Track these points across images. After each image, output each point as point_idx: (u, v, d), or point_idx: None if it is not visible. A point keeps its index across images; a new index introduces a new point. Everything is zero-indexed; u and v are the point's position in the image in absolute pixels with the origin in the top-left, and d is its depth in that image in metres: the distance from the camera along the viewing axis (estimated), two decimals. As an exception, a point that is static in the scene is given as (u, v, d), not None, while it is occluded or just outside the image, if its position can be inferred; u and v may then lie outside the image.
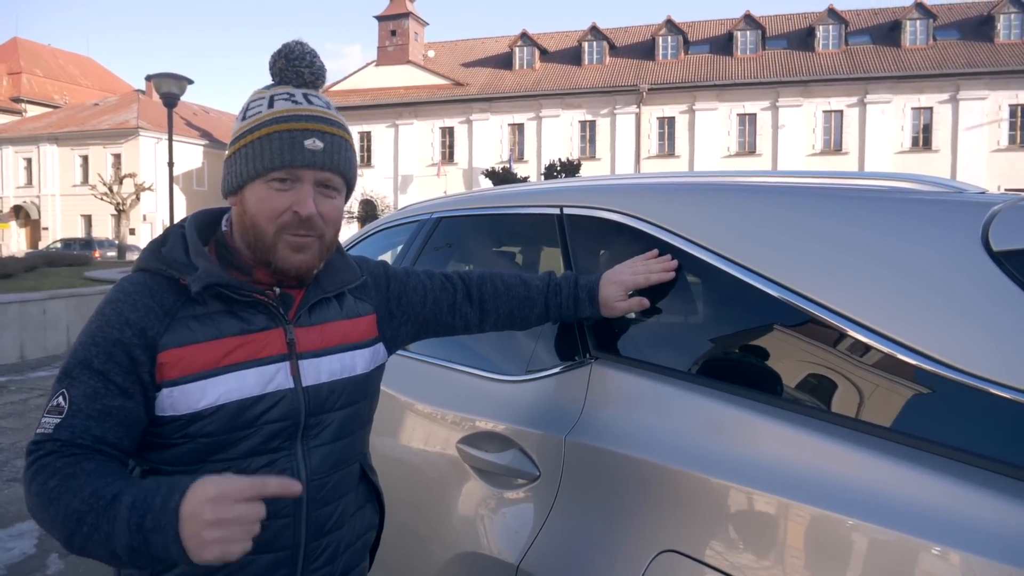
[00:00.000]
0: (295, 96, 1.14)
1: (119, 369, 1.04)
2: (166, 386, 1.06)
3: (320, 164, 1.11)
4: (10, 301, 9.28)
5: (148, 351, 1.05)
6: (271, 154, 1.09)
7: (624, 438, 1.26)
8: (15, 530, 3.91)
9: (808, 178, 1.49)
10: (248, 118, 1.13)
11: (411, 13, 38.51)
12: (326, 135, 1.12)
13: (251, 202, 1.12)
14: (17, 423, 6.25)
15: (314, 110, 1.13)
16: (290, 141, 1.09)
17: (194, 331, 1.08)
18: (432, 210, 2.31)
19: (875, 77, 31.17)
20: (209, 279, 1.08)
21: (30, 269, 13.92)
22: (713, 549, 1.06)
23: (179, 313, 1.08)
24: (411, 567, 1.71)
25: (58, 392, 1.04)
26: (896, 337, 1.00)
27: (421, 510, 1.71)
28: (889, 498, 0.92)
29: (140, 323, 1.06)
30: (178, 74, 12.95)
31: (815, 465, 1.00)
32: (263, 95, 1.15)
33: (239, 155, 1.12)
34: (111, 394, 1.03)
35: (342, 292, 1.26)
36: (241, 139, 1.12)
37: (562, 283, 1.46)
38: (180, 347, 1.07)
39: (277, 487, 0.94)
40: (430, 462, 1.75)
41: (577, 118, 35.05)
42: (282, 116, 1.11)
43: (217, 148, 44.35)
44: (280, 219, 1.10)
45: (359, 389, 1.25)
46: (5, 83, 54.19)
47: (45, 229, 41.91)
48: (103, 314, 1.08)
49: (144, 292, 1.09)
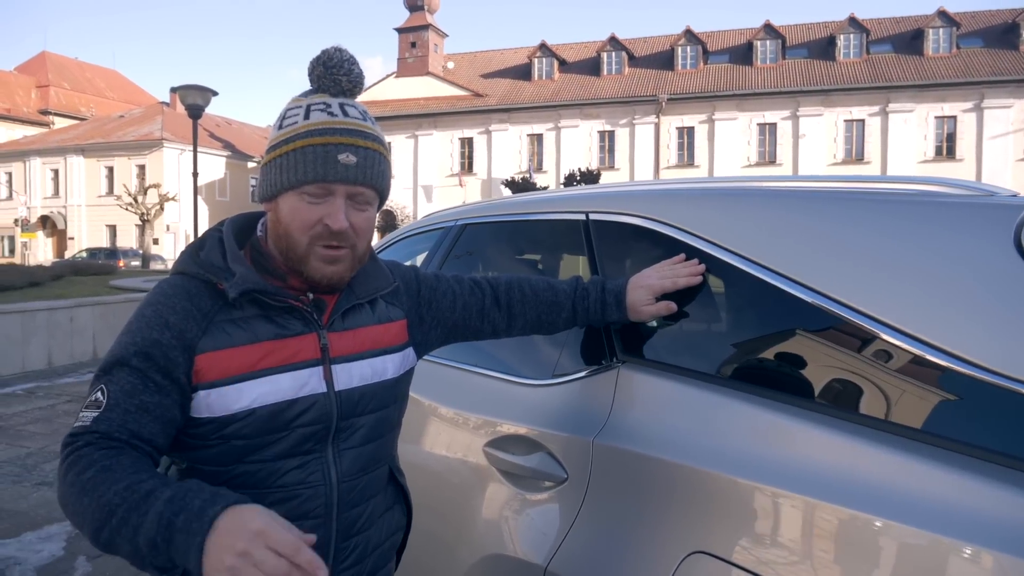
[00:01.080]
0: (331, 107, 1.14)
1: (156, 368, 1.06)
2: (203, 388, 1.08)
3: (353, 179, 1.12)
4: (39, 309, 9.45)
5: (186, 353, 1.07)
6: (305, 167, 1.10)
7: (652, 440, 1.27)
8: (44, 532, 3.98)
9: (834, 182, 1.49)
10: (284, 127, 1.14)
11: (431, 25, 38.84)
12: (360, 149, 1.12)
13: (285, 212, 1.13)
14: (45, 428, 6.35)
15: (349, 123, 1.13)
16: (324, 155, 1.10)
17: (231, 335, 1.10)
18: (457, 217, 2.33)
19: (897, 86, 30.92)
20: (246, 285, 1.10)
21: (57, 278, 14.15)
22: (742, 550, 1.06)
23: (216, 317, 1.10)
24: (438, 569, 1.72)
25: (96, 388, 1.06)
26: (927, 339, 1.00)
27: (448, 513, 1.72)
28: (918, 498, 0.92)
29: (179, 325, 1.08)
30: (203, 86, 13.11)
31: (843, 466, 1.00)
32: (300, 104, 1.15)
33: (274, 164, 1.13)
34: (148, 391, 1.05)
35: (375, 298, 1.28)
36: (277, 148, 1.13)
37: (589, 288, 1.47)
38: (217, 351, 1.09)
39: (307, 561, 0.87)
40: (456, 465, 1.76)
41: (596, 128, 35.10)
42: (317, 129, 1.11)
43: (239, 159, 44.89)
44: (312, 231, 1.11)
45: (389, 393, 1.26)
46: (34, 96, 55.31)
47: (71, 239, 42.61)
48: (143, 315, 1.10)
49: (183, 295, 1.11)
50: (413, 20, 39.08)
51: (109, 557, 3.64)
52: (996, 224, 1.05)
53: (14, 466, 5.22)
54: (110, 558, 3.63)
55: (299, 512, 1.13)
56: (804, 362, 1.18)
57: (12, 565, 3.57)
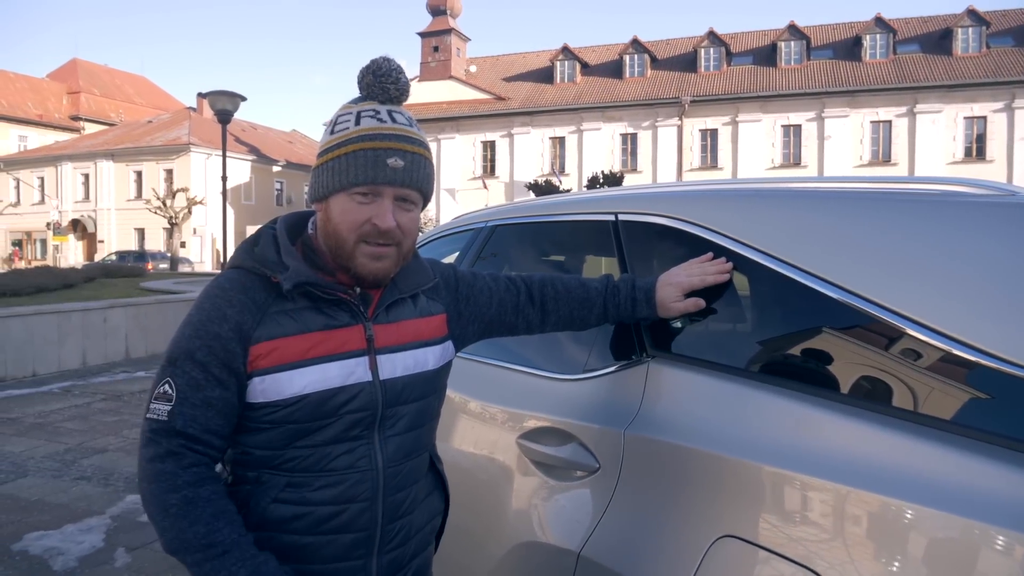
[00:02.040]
0: (380, 114, 1.21)
1: (217, 361, 1.14)
2: (258, 375, 1.16)
3: (400, 181, 1.19)
4: (73, 310, 9.68)
5: (243, 343, 1.15)
6: (356, 170, 1.17)
7: (682, 430, 1.32)
8: (84, 525, 4.10)
9: (856, 183, 1.53)
10: (336, 133, 1.21)
11: (453, 29, 39.06)
12: (407, 153, 1.19)
13: (335, 212, 1.20)
14: (82, 425, 6.52)
15: (397, 129, 1.20)
16: (374, 159, 1.17)
17: (283, 325, 1.17)
18: (487, 218, 2.40)
19: (925, 86, 30.52)
20: (299, 278, 1.17)
21: (89, 280, 14.45)
22: (769, 533, 1.11)
23: (270, 308, 1.18)
24: (474, 556, 1.78)
25: (164, 380, 1.15)
26: (946, 331, 1.05)
27: (483, 502, 1.78)
28: (944, 483, 0.96)
29: (236, 317, 1.15)
30: (232, 91, 13.32)
31: (867, 453, 1.05)
32: (351, 110, 1.23)
33: (327, 167, 1.20)
34: (211, 385, 1.14)
35: (416, 293, 1.35)
36: (329, 152, 1.20)
37: (620, 285, 1.52)
38: (271, 340, 1.16)
39: None
40: (491, 456, 1.82)
41: (618, 131, 35.06)
42: (367, 134, 1.18)
43: (264, 163, 45.40)
44: (361, 229, 1.18)
45: (430, 384, 1.33)
46: (65, 102, 56.43)
47: (101, 242, 43.40)
48: (203, 308, 1.18)
49: (239, 288, 1.19)
50: (435, 24, 39.33)
51: (147, 550, 3.76)
52: (1014, 222, 1.10)
53: (53, 461, 5.37)
54: (148, 551, 3.75)
55: (348, 496, 1.20)
56: (828, 355, 1.22)
57: (55, 555, 3.69)
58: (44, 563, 3.60)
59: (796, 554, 1.07)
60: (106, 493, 4.66)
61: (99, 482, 4.89)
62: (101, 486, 4.81)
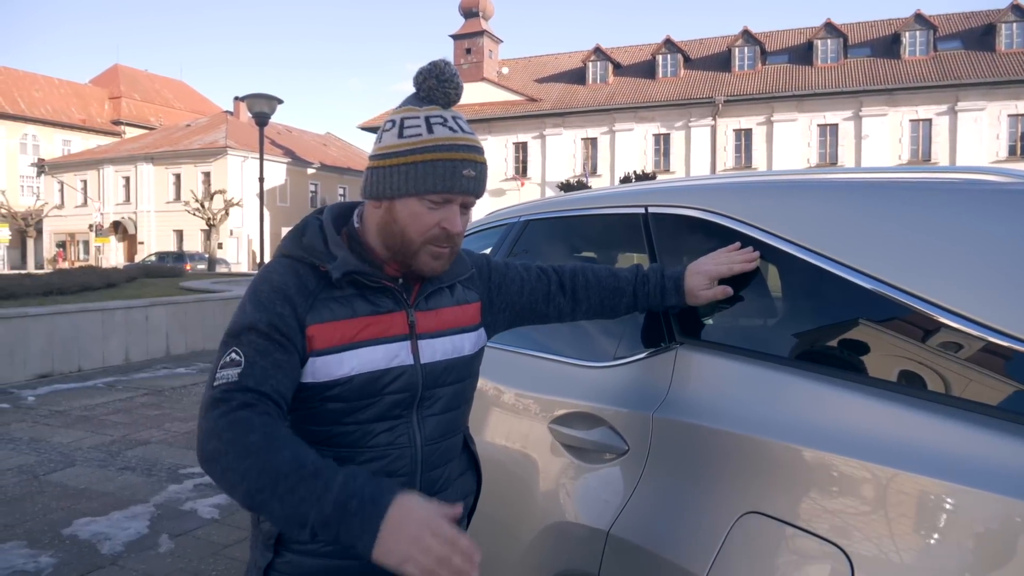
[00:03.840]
0: (448, 122, 1.26)
1: (279, 332, 1.19)
2: (311, 356, 1.23)
3: (471, 190, 1.26)
4: (117, 307, 9.97)
5: (299, 323, 1.21)
6: (433, 179, 1.22)
7: (709, 413, 1.36)
8: (129, 512, 4.25)
9: (887, 173, 1.55)
10: (407, 137, 1.24)
11: (485, 31, 39.24)
12: (478, 164, 1.26)
13: (403, 214, 1.25)
14: (125, 418, 6.73)
15: (468, 139, 1.26)
16: (451, 170, 1.23)
17: (333, 310, 1.24)
18: (519, 213, 2.45)
19: (967, 84, 29.85)
20: (348, 267, 1.24)
21: (131, 280, 14.87)
22: (791, 508, 1.15)
23: (320, 294, 1.25)
24: (506, 535, 1.84)
25: (227, 352, 1.18)
26: (968, 315, 1.08)
27: (514, 484, 1.84)
28: (974, 463, 0.99)
29: (293, 300, 1.22)
30: (269, 94, 13.57)
31: (885, 430, 1.08)
32: (417, 115, 1.26)
33: (397, 170, 1.23)
34: (278, 350, 1.18)
35: (454, 282, 1.41)
36: (400, 156, 1.23)
37: (650, 274, 1.57)
38: (322, 323, 1.23)
39: (466, 547, 1.00)
40: (523, 442, 1.88)
41: (651, 131, 34.90)
42: (443, 144, 1.23)
43: (299, 166, 46.08)
44: (429, 233, 1.25)
45: (466, 368, 1.40)
46: (107, 107, 57.93)
47: (141, 243, 44.45)
48: (260, 290, 1.24)
49: (292, 273, 1.26)
50: (468, 27, 39.56)
51: (190, 537, 3.88)
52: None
53: (99, 452, 5.56)
54: (191, 538, 3.87)
55: (388, 470, 1.27)
56: (856, 341, 1.25)
57: (103, 540, 3.84)
58: (93, 547, 3.75)
59: (818, 528, 1.11)
60: (149, 483, 4.82)
61: (143, 472, 5.06)
62: (145, 476, 4.97)
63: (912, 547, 1.02)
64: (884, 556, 1.03)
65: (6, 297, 10.21)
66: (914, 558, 1.01)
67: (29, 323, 8.59)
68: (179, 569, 3.50)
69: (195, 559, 3.62)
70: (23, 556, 3.62)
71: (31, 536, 3.88)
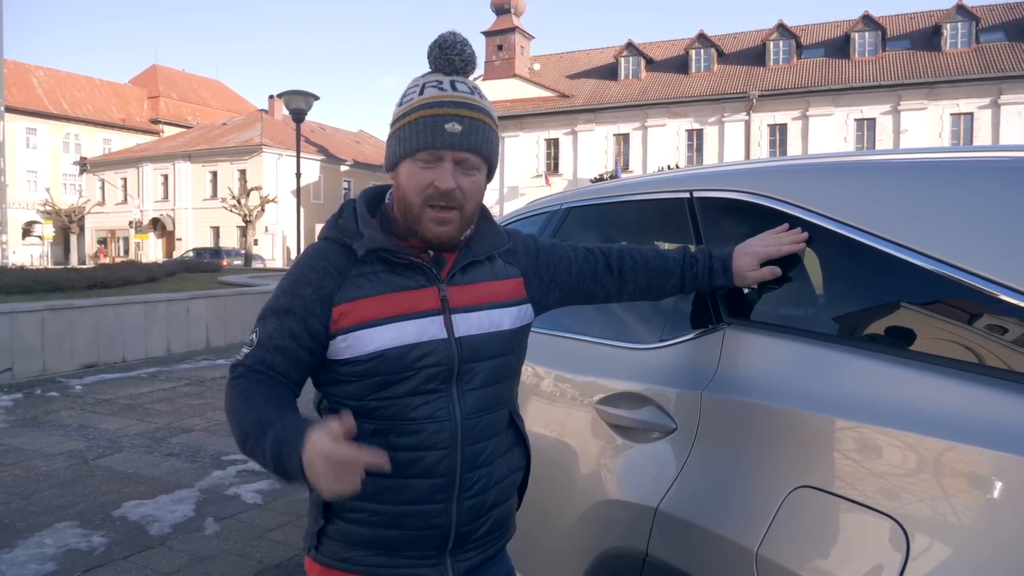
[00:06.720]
0: (442, 83, 1.30)
1: (295, 318, 1.29)
2: (341, 334, 1.28)
3: (458, 145, 1.27)
4: (159, 300, 10.21)
5: (324, 304, 1.29)
6: (417, 137, 1.27)
7: (758, 390, 1.37)
8: (176, 496, 4.37)
9: (934, 153, 1.54)
10: (403, 104, 1.32)
11: (517, 28, 39.24)
12: (465, 119, 1.28)
13: (403, 177, 1.31)
14: (169, 407, 6.90)
15: (456, 96, 1.29)
16: (432, 125, 1.26)
17: (362, 288, 1.30)
18: (562, 201, 2.48)
19: (1011, 76, 29.07)
20: (372, 244, 1.30)
21: (170, 274, 15.19)
22: (843, 482, 1.16)
23: (350, 272, 1.31)
24: (556, 513, 1.87)
25: (253, 331, 1.34)
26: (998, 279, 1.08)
27: (562, 463, 1.87)
28: (1017, 430, 0.99)
29: (319, 282, 1.30)
30: (305, 91, 13.74)
31: (938, 404, 1.09)
32: (417, 83, 1.33)
33: (394, 137, 1.32)
34: (285, 336, 1.29)
35: (492, 255, 1.43)
36: (396, 123, 1.32)
37: (698, 255, 1.58)
38: (351, 301, 1.29)
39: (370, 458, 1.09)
40: (562, 423, 1.91)
41: (684, 127, 34.61)
42: (427, 103, 1.28)
43: (332, 163, 46.60)
44: (425, 192, 1.28)
45: (506, 343, 1.41)
46: (146, 106, 59.18)
47: (179, 239, 45.34)
48: (292, 275, 1.34)
49: (322, 256, 1.33)
50: (499, 23, 39.59)
51: (235, 521, 3.99)
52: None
53: (145, 439, 5.72)
54: (236, 522, 3.98)
55: (428, 443, 1.30)
56: (903, 315, 1.26)
57: (151, 522, 3.96)
58: (142, 528, 3.87)
59: (872, 501, 1.11)
60: (194, 468, 4.95)
61: (187, 458, 5.19)
62: (189, 462, 5.10)
63: (968, 519, 1.02)
64: (939, 527, 1.04)
65: (53, 290, 10.52)
66: (970, 529, 1.01)
67: (76, 315, 8.84)
68: (225, 551, 3.60)
69: (240, 541, 3.71)
70: (76, 536, 3.75)
71: (83, 517, 4.01)
